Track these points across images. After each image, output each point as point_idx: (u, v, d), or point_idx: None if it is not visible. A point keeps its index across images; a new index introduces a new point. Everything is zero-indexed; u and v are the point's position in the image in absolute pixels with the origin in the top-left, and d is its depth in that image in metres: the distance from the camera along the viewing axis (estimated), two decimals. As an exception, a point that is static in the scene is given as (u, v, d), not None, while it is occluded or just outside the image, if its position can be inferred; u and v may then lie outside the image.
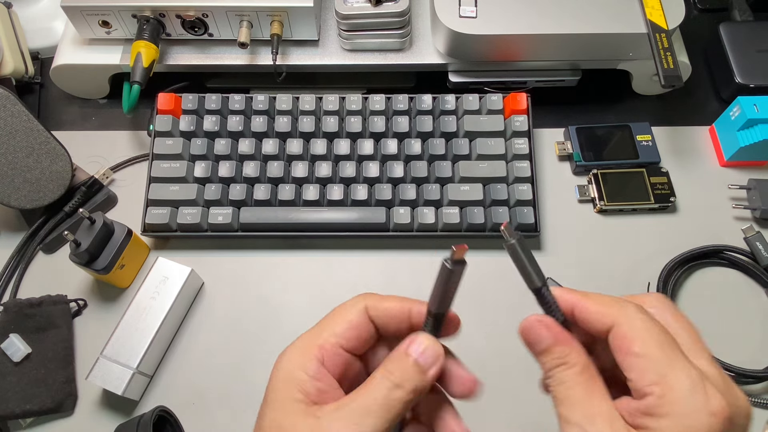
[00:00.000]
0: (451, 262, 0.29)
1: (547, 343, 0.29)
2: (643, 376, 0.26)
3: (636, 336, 0.27)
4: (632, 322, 0.27)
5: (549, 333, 0.29)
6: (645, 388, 0.26)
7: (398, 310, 0.31)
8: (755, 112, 0.58)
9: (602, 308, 0.28)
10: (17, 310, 0.53)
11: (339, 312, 0.31)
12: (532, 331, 0.29)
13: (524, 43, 0.59)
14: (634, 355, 0.26)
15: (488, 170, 0.58)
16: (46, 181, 0.56)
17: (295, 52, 0.62)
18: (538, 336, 0.29)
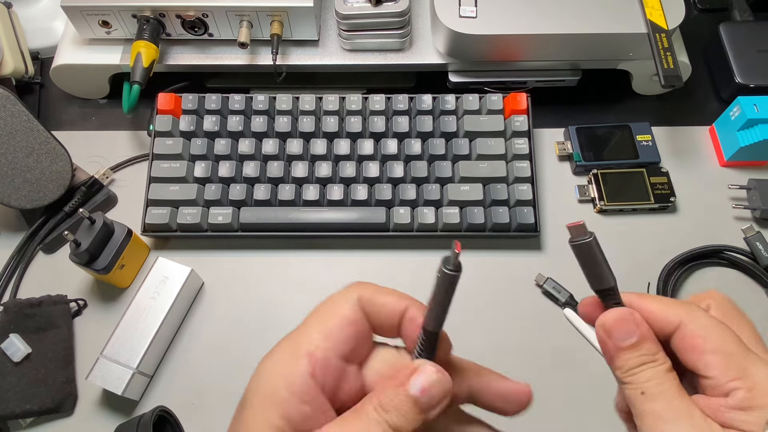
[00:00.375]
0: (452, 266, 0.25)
1: (638, 338, 0.27)
2: (725, 373, 0.25)
3: (708, 334, 0.27)
4: (700, 320, 0.27)
5: (639, 328, 0.27)
6: (729, 383, 0.25)
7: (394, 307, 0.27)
8: (755, 112, 0.58)
9: (666, 308, 0.28)
10: (17, 310, 0.53)
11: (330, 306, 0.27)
12: (623, 324, 0.27)
13: (524, 43, 0.59)
14: (711, 353, 0.26)
15: (488, 170, 0.58)
16: (46, 181, 0.56)
17: (295, 52, 0.62)
18: (628, 331, 0.27)
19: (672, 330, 0.27)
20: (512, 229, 0.57)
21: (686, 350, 0.27)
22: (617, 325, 0.27)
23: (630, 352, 0.27)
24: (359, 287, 0.28)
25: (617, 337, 0.27)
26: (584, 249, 0.29)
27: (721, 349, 0.26)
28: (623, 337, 0.27)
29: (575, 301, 0.56)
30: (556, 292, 0.56)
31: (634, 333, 0.27)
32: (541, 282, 0.57)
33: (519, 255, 0.59)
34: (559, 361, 0.54)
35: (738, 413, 0.25)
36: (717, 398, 0.26)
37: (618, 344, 0.27)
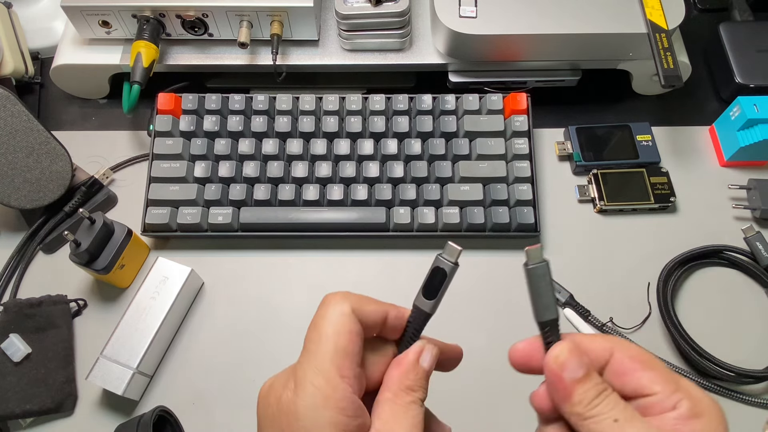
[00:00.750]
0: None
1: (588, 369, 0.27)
2: (667, 386, 0.27)
3: (642, 356, 0.28)
4: (630, 346, 0.29)
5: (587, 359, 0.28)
6: (673, 395, 0.27)
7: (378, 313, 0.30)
8: (755, 112, 0.58)
9: (596, 341, 0.29)
10: (17, 310, 0.53)
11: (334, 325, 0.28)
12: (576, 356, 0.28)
13: (524, 43, 0.59)
14: (652, 370, 0.27)
15: (488, 170, 0.58)
16: (46, 181, 0.56)
17: (295, 52, 0.62)
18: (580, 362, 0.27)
19: (605, 361, 0.28)
20: (512, 229, 0.57)
21: (626, 373, 0.28)
22: (572, 357, 0.28)
23: (585, 384, 0.27)
24: (347, 299, 0.30)
25: (571, 369, 0.27)
26: (538, 274, 0.29)
27: (657, 367, 0.28)
28: (577, 369, 0.27)
29: (575, 301, 0.56)
30: (556, 292, 0.56)
31: (584, 363, 0.27)
32: (541, 282, 0.56)
33: (519, 255, 0.59)
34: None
35: (693, 422, 0.26)
36: (664, 414, 0.26)
37: (574, 376, 0.27)
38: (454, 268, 0.30)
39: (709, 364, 0.52)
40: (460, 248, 0.30)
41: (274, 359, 0.54)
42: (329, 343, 0.28)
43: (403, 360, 0.30)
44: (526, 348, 0.31)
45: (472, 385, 0.53)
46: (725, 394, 0.52)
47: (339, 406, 0.26)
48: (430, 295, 0.30)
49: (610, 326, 0.55)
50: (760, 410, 0.52)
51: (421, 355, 0.30)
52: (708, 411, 0.26)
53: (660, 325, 0.55)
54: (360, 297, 0.30)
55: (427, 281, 0.30)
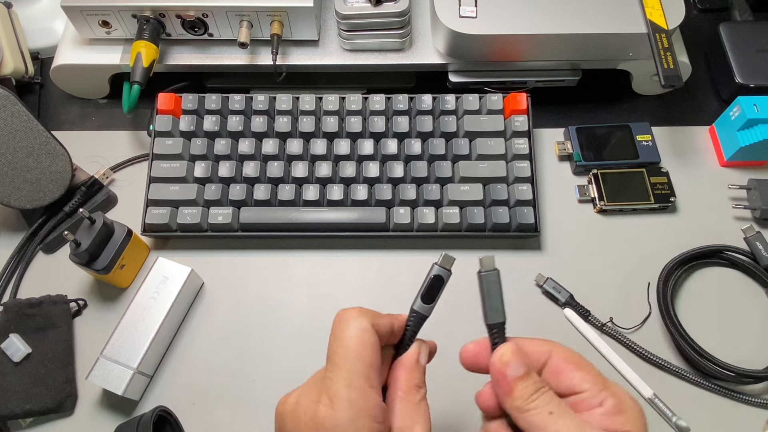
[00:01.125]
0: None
1: (527, 368, 0.31)
2: (595, 385, 0.31)
3: (574, 357, 0.32)
4: (566, 350, 0.33)
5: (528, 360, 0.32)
6: (600, 393, 0.31)
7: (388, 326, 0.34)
8: (755, 112, 0.58)
9: (536, 344, 0.33)
10: (17, 310, 0.53)
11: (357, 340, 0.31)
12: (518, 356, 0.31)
13: (524, 43, 0.59)
14: (582, 371, 0.31)
15: (488, 170, 0.58)
16: (46, 181, 0.56)
17: (295, 52, 0.62)
18: (521, 362, 0.31)
19: (544, 362, 0.32)
20: (512, 229, 0.57)
21: (561, 373, 0.32)
22: (514, 357, 0.31)
23: (525, 381, 0.31)
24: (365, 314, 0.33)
25: (514, 368, 0.31)
26: (490, 280, 0.33)
27: (588, 368, 0.32)
28: (518, 367, 0.31)
29: (575, 301, 0.56)
30: (556, 292, 0.56)
31: (525, 363, 0.31)
32: (541, 282, 0.57)
33: (519, 255, 0.59)
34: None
35: (616, 417, 0.30)
36: (596, 410, 0.30)
37: (515, 374, 0.31)
38: (448, 275, 0.34)
39: (709, 364, 0.52)
40: (454, 257, 0.34)
41: (274, 359, 0.54)
42: (357, 358, 0.31)
43: (407, 361, 0.34)
44: (475, 348, 0.34)
45: (472, 383, 0.52)
46: (725, 394, 0.52)
47: (372, 414, 0.30)
48: (428, 300, 0.34)
49: (610, 326, 0.55)
50: (760, 410, 0.52)
51: (420, 355, 0.34)
52: (630, 408, 0.30)
53: (660, 325, 0.55)
54: (373, 312, 0.34)
55: (426, 288, 0.34)
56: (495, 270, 0.33)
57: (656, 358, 0.53)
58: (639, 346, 0.54)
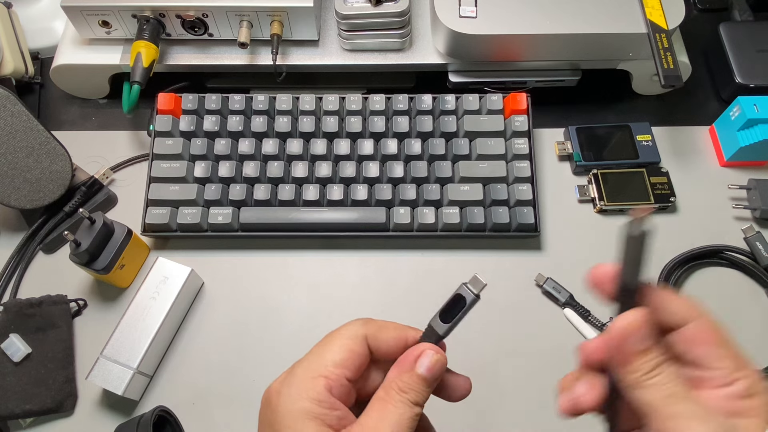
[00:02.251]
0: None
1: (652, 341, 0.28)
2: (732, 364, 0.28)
3: (717, 331, 0.29)
4: (709, 319, 0.30)
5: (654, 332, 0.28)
6: (734, 374, 0.28)
7: (397, 339, 0.32)
8: (755, 112, 0.58)
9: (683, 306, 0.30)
10: (17, 310, 0.53)
11: (338, 341, 0.31)
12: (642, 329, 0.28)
13: (524, 43, 0.59)
14: (722, 347, 0.29)
15: (488, 170, 0.58)
16: (46, 181, 0.56)
17: (295, 52, 0.62)
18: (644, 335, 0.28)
19: (683, 323, 0.29)
20: (512, 229, 0.57)
21: (698, 344, 0.29)
22: (641, 328, 0.28)
23: (647, 355, 0.28)
24: (365, 325, 0.32)
25: (636, 340, 0.28)
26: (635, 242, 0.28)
27: (728, 345, 0.29)
28: (642, 340, 0.28)
29: (575, 301, 0.56)
30: (556, 292, 0.56)
31: (651, 336, 0.28)
32: (541, 282, 0.57)
33: (519, 255, 0.59)
34: (558, 361, 0.54)
35: (745, 401, 0.27)
36: (719, 389, 0.28)
37: (637, 347, 0.28)
38: (475, 300, 0.31)
39: (709, 364, 0.52)
40: (485, 282, 0.31)
41: (274, 359, 0.54)
42: (328, 352, 0.31)
43: (401, 361, 0.31)
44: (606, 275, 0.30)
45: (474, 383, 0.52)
46: (725, 394, 0.52)
47: (316, 398, 0.29)
48: (446, 319, 0.32)
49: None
50: (760, 410, 0.52)
51: (419, 360, 0.31)
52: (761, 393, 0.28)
53: (660, 325, 0.55)
54: (381, 324, 0.32)
55: (446, 306, 0.32)
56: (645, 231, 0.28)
57: (656, 358, 0.53)
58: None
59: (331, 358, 0.30)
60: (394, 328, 0.32)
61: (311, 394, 0.29)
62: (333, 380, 0.30)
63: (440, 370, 0.31)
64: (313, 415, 0.29)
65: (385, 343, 0.32)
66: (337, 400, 0.30)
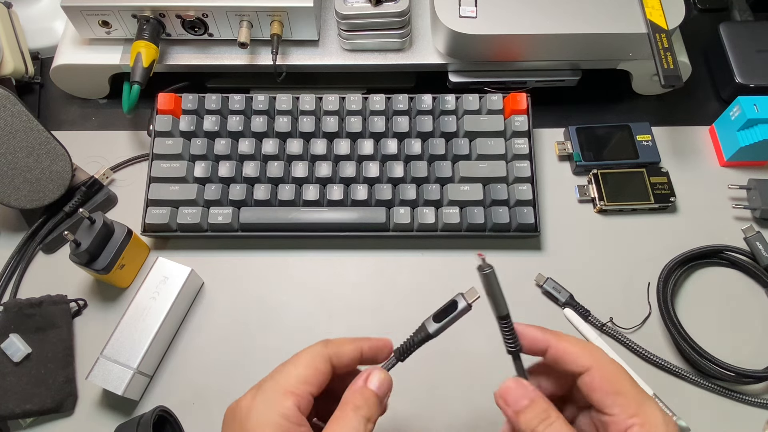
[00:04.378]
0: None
1: (530, 400, 0.31)
2: (625, 410, 0.30)
3: (615, 377, 0.32)
4: (608, 365, 0.32)
5: (528, 391, 0.32)
6: (628, 420, 0.30)
7: (355, 353, 0.35)
8: (755, 112, 0.58)
9: (578, 351, 0.33)
10: (17, 310, 0.53)
11: (304, 360, 0.34)
12: (513, 391, 0.32)
13: (524, 43, 0.59)
14: (615, 394, 0.31)
15: (488, 170, 0.58)
16: (46, 181, 0.56)
17: (295, 52, 0.62)
18: (520, 394, 0.32)
19: (582, 371, 0.32)
20: (512, 229, 0.57)
21: (594, 390, 0.32)
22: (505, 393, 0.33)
23: (527, 413, 0.31)
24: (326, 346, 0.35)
25: (510, 402, 0.32)
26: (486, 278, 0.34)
27: (625, 391, 0.31)
28: (516, 400, 0.32)
29: (575, 301, 0.56)
30: (556, 292, 0.56)
31: (525, 396, 0.32)
32: (541, 282, 0.57)
33: (519, 255, 0.59)
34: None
35: None
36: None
37: (514, 407, 0.32)
38: (467, 308, 0.34)
39: (709, 364, 0.52)
40: (479, 295, 0.34)
41: (273, 359, 0.54)
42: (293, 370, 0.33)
43: (353, 383, 0.34)
44: None
45: (472, 384, 0.53)
46: (725, 394, 0.52)
47: (283, 413, 0.31)
48: (438, 319, 0.35)
49: (610, 326, 0.55)
50: (760, 410, 0.52)
51: (369, 378, 0.34)
52: None
53: (660, 325, 0.55)
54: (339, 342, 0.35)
55: (441, 309, 0.35)
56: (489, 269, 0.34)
57: (656, 358, 0.53)
58: (639, 346, 0.54)
59: (296, 374, 0.33)
60: (350, 341, 0.35)
61: (280, 410, 0.31)
62: (301, 396, 0.32)
63: (388, 387, 0.34)
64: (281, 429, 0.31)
65: (345, 356, 0.35)
66: (303, 417, 0.32)
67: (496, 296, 0.33)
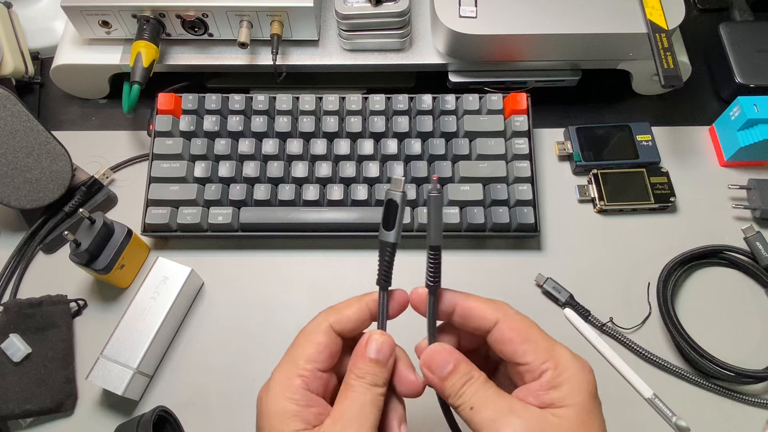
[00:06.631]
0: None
1: (453, 364, 0.32)
2: (538, 357, 0.31)
3: (522, 327, 0.32)
4: (515, 316, 0.33)
5: (452, 356, 0.32)
6: (541, 366, 0.31)
7: (359, 313, 0.34)
8: (755, 112, 0.58)
9: (485, 307, 0.33)
10: (17, 310, 0.53)
11: (306, 337, 0.33)
12: (437, 357, 0.32)
13: (524, 43, 0.59)
14: (526, 343, 0.31)
15: (488, 170, 0.58)
16: (46, 181, 0.56)
17: (295, 52, 0.62)
18: (444, 360, 0.32)
19: (490, 327, 0.32)
20: (512, 229, 0.57)
21: (505, 342, 0.32)
22: (430, 359, 0.32)
23: (451, 378, 0.31)
24: (327, 315, 0.34)
25: (435, 368, 0.32)
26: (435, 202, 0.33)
27: (534, 338, 0.32)
28: (441, 366, 0.32)
29: (575, 301, 0.56)
30: (556, 292, 0.56)
31: (449, 361, 0.32)
32: (541, 282, 0.57)
33: (519, 255, 0.59)
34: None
35: (550, 392, 0.30)
36: (533, 383, 0.31)
37: (438, 374, 0.32)
38: (403, 196, 0.33)
39: (709, 364, 0.52)
40: (403, 178, 0.34)
41: (274, 359, 0.54)
42: (298, 351, 0.33)
43: (355, 350, 0.33)
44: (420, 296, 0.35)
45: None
46: (725, 394, 0.52)
47: (291, 397, 0.31)
48: (388, 226, 0.33)
49: (610, 326, 0.55)
50: (760, 410, 0.52)
51: (367, 345, 0.33)
52: (569, 380, 0.30)
53: (660, 325, 0.55)
54: (339, 307, 0.34)
55: (384, 216, 0.33)
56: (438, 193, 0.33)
57: (656, 358, 0.53)
58: (639, 346, 0.54)
59: (301, 356, 0.32)
60: (354, 302, 0.34)
61: (288, 394, 0.31)
62: (308, 377, 0.32)
63: (389, 350, 0.33)
64: (291, 413, 0.31)
65: (348, 321, 0.33)
66: (315, 396, 0.32)
67: (436, 224, 0.33)
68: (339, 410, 0.31)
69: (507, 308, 0.33)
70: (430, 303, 0.34)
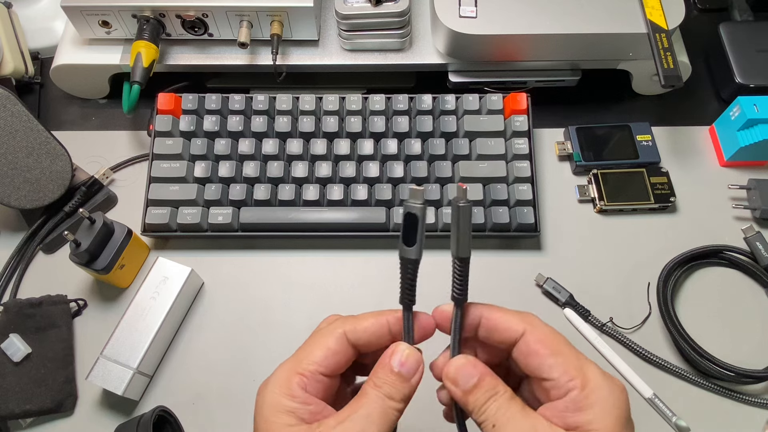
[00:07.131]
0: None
1: (478, 378, 0.30)
2: (565, 373, 0.29)
3: (549, 340, 0.30)
4: (541, 329, 0.31)
5: (476, 369, 0.31)
6: (568, 383, 0.29)
7: (377, 327, 0.32)
8: (755, 112, 0.58)
9: (511, 318, 0.31)
10: (17, 310, 0.53)
11: (317, 339, 0.32)
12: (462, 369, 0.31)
13: (524, 43, 0.59)
14: (553, 356, 0.30)
15: (488, 170, 0.58)
16: (46, 181, 0.56)
17: (295, 52, 0.62)
18: (468, 374, 0.30)
19: (516, 338, 0.31)
20: (512, 229, 0.57)
21: (531, 355, 0.30)
22: (459, 371, 0.31)
23: (476, 392, 0.30)
24: (343, 322, 0.33)
25: (462, 383, 0.30)
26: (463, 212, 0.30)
27: (562, 352, 0.30)
28: (465, 380, 0.30)
29: (575, 301, 0.56)
30: (556, 292, 0.56)
31: (473, 375, 0.30)
32: (541, 282, 0.57)
33: (519, 255, 0.59)
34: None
35: (577, 414, 0.28)
36: (559, 402, 0.29)
37: (462, 387, 0.30)
38: (423, 208, 0.30)
39: (709, 364, 0.52)
40: (422, 188, 0.31)
41: (274, 359, 0.54)
42: (306, 351, 0.32)
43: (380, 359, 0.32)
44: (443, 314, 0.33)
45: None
46: (725, 394, 0.52)
47: (288, 393, 0.31)
48: (409, 242, 0.31)
49: (610, 326, 0.55)
50: (760, 410, 0.52)
51: (392, 356, 0.31)
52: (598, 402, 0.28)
53: (660, 325, 0.55)
54: (355, 318, 0.33)
55: (404, 232, 0.31)
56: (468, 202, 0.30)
57: (656, 358, 0.53)
58: (639, 346, 0.54)
59: (307, 356, 0.32)
60: (372, 316, 0.33)
61: (284, 390, 0.31)
62: (307, 377, 0.31)
63: (414, 364, 0.31)
64: (284, 408, 0.30)
65: (364, 333, 0.32)
66: (312, 396, 0.31)
67: (465, 234, 0.30)
68: (345, 412, 0.30)
69: (534, 319, 0.31)
70: (456, 316, 0.32)
